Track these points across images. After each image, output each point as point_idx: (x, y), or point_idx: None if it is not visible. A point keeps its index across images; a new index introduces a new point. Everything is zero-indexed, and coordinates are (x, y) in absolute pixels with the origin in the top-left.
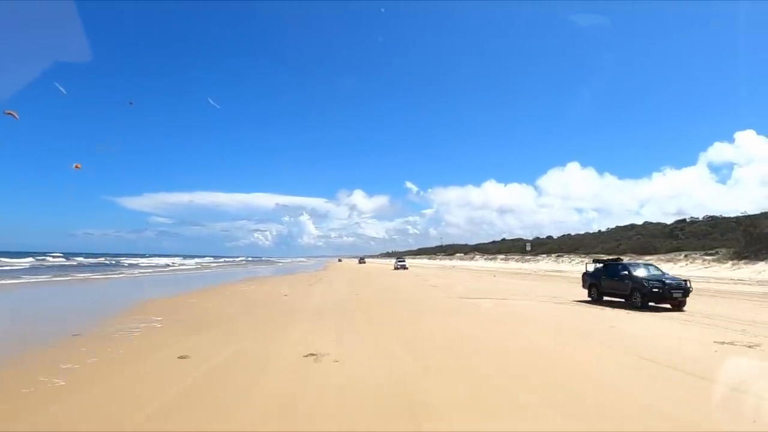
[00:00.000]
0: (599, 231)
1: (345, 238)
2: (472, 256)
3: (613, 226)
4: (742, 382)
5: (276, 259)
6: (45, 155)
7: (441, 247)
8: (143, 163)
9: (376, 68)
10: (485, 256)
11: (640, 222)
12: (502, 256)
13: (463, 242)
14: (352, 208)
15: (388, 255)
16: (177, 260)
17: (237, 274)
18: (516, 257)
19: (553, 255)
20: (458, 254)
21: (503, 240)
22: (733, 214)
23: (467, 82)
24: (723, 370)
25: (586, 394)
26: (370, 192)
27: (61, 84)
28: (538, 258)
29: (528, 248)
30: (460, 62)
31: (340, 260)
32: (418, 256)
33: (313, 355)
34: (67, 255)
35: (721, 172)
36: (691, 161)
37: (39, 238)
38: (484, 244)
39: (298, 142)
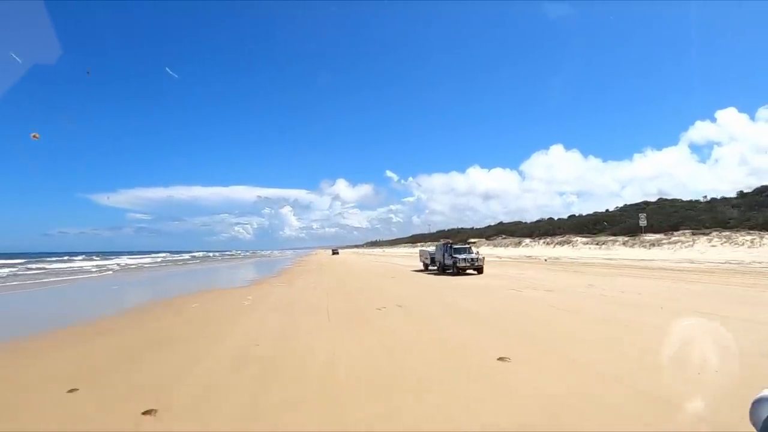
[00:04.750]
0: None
1: (327, 229)
2: (518, 241)
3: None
4: None
5: (264, 253)
6: (12, 154)
7: (443, 232)
8: (116, 158)
9: (355, 60)
10: (542, 240)
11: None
12: (582, 239)
13: (447, 228)
14: (335, 198)
15: (373, 244)
16: (132, 259)
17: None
18: (617, 240)
19: (673, 234)
20: (471, 239)
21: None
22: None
23: (447, 70)
24: None
25: None
26: (354, 181)
27: (30, 82)
28: (659, 238)
29: (643, 223)
30: (439, 51)
31: (335, 252)
32: (419, 244)
33: None
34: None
35: (703, 151)
36: (673, 141)
37: (10, 239)
38: (509, 224)
39: (278, 133)
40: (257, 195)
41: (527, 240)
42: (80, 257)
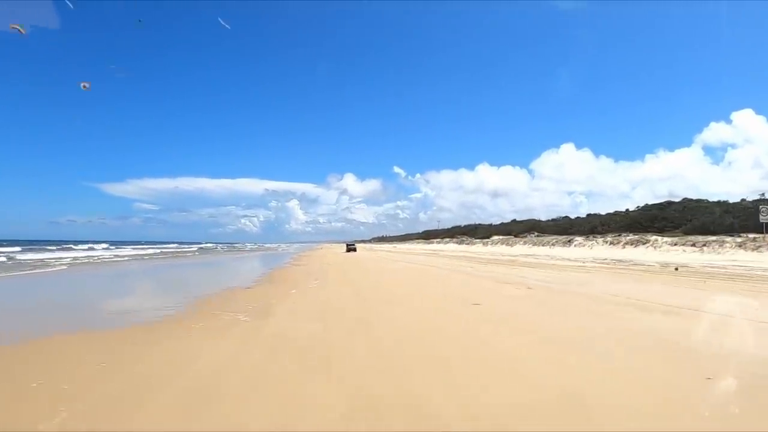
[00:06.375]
0: None
1: (334, 223)
2: (568, 239)
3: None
4: None
5: (270, 246)
6: (22, 140)
7: (459, 227)
8: (124, 147)
9: (364, 54)
10: (601, 239)
11: None
12: (665, 239)
13: (455, 225)
14: (343, 192)
15: (380, 240)
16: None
17: None
18: (725, 241)
19: None
20: (495, 236)
21: (564, 218)
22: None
23: (456, 66)
24: None
25: None
26: (362, 176)
27: (35, 56)
28: None
29: (766, 219)
30: (450, 47)
31: (351, 249)
32: (434, 240)
33: None
34: None
35: (716, 153)
36: (686, 142)
37: (19, 226)
38: (526, 221)
39: (286, 126)
40: (264, 188)
41: (579, 238)
42: (84, 246)
